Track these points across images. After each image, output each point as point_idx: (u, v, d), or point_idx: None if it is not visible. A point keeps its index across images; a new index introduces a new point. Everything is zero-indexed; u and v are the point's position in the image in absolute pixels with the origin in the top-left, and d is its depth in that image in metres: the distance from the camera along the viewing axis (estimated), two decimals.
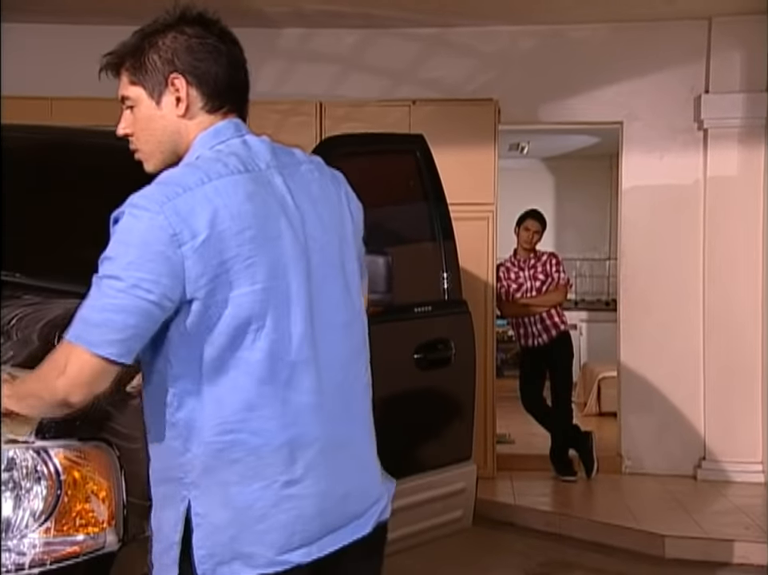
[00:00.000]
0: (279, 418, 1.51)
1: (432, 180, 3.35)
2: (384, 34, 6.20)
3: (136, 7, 5.84)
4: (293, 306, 1.52)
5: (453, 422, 3.39)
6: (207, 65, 1.60)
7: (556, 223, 10.42)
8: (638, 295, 6.16)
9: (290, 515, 1.52)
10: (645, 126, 6.10)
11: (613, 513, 5.17)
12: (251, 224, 1.49)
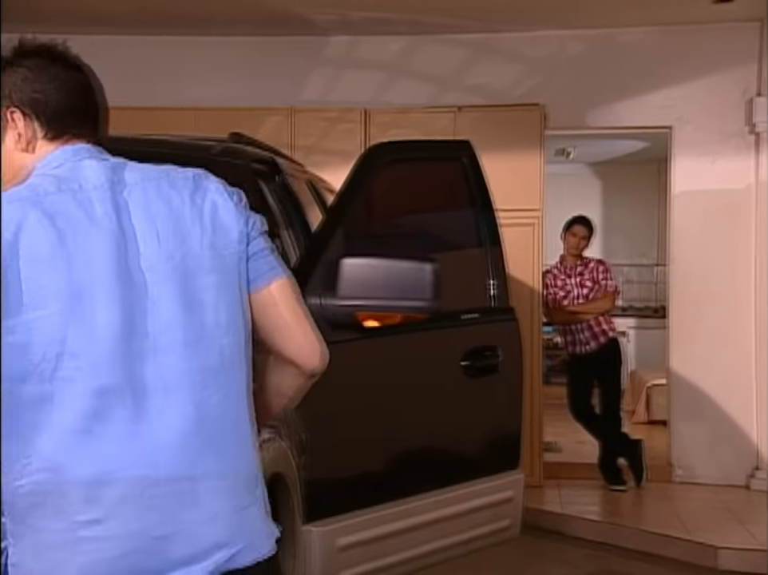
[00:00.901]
0: (82, 451, 1.40)
1: (479, 187, 3.34)
2: (430, 41, 6.20)
3: (185, 17, 5.95)
4: (99, 329, 1.42)
5: (501, 430, 3.38)
6: (45, 95, 1.56)
7: (604, 229, 10.30)
8: (688, 302, 6.07)
9: (88, 558, 1.40)
10: (696, 130, 6.02)
11: (664, 523, 5.10)
12: (51, 246, 1.42)
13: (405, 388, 3.02)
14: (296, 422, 2.49)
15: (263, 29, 6.10)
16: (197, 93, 6.08)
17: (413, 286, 2.60)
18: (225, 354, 1.51)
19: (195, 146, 3.15)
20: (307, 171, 3.87)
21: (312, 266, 2.69)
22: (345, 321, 2.65)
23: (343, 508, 2.75)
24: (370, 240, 3.18)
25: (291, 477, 2.38)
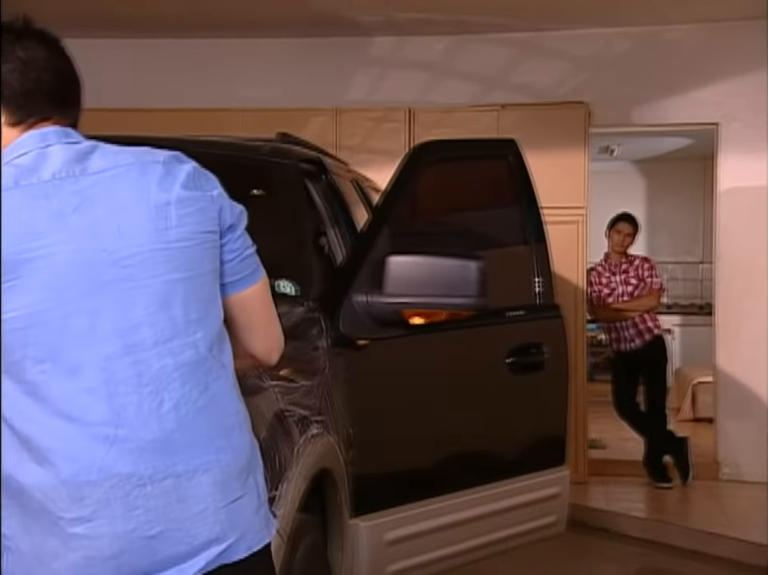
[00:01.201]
0: (63, 450, 1.37)
1: (524, 185, 3.31)
2: (474, 40, 6.18)
3: (234, 21, 6.00)
4: (70, 329, 1.38)
5: (547, 427, 3.35)
6: (7, 78, 1.45)
7: (648, 226, 10.19)
8: (735, 299, 5.98)
9: (79, 556, 1.38)
10: (743, 127, 5.91)
11: (711, 521, 5.02)
12: (10, 243, 1.36)
13: (451, 385, 3.01)
14: (344, 418, 2.49)
15: (309, 31, 6.12)
16: (245, 94, 6.12)
17: (459, 283, 2.59)
18: (200, 348, 1.45)
19: (244, 146, 3.17)
20: (353, 170, 3.87)
21: (358, 264, 2.69)
22: (391, 318, 2.65)
23: (390, 503, 2.74)
24: (415, 238, 3.17)
25: (339, 472, 2.38)
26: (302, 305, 2.52)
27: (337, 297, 2.62)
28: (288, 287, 2.58)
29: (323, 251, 3.02)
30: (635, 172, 10.47)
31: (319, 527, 2.33)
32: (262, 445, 1.92)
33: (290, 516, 1.97)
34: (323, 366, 2.43)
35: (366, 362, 2.66)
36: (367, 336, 2.64)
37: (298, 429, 2.13)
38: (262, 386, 2.06)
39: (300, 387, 2.24)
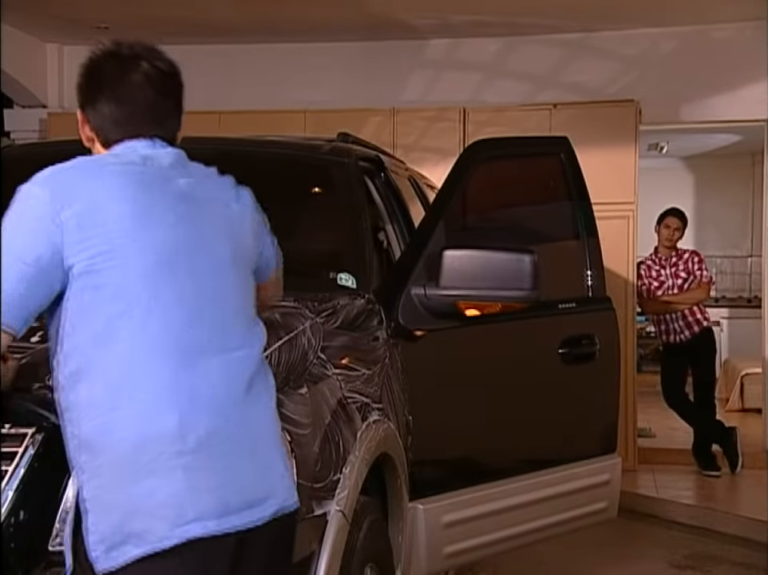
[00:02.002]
0: (169, 398, 1.46)
1: (576, 181, 3.28)
2: (526, 41, 6.13)
3: (295, 26, 6.04)
4: (178, 288, 1.52)
5: (598, 416, 3.32)
6: (105, 106, 1.63)
7: (696, 221, 10.01)
8: None
9: (180, 486, 1.45)
10: None
11: (760, 509, 4.92)
12: (135, 207, 1.51)
13: (505, 374, 3.00)
14: (402, 405, 2.50)
15: (366, 34, 6.13)
16: (305, 96, 6.16)
17: (513, 276, 2.58)
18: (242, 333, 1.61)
19: (306, 146, 3.19)
20: (409, 168, 3.87)
21: (416, 258, 2.70)
22: (447, 310, 2.65)
23: (447, 487, 2.74)
24: (471, 233, 3.17)
25: (399, 457, 2.39)
26: (363, 297, 2.53)
27: (395, 290, 2.63)
28: (349, 280, 2.59)
29: (382, 246, 3.03)
30: (684, 168, 10.31)
31: (380, 509, 2.34)
32: (326, 430, 1.95)
33: (353, 497, 1.99)
34: (383, 356, 2.45)
35: (423, 353, 2.67)
36: (424, 327, 2.65)
37: (360, 415, 2.15)
38: (326, 373, 2.08)
39: (361, 375, 2.25)
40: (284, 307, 2.25)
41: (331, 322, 2.30)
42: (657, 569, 4.19)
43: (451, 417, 2.77)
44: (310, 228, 2.97)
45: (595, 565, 4.19)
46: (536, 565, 4.10)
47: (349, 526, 1.95)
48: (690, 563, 4.27)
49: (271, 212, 2.97)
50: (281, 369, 1.93)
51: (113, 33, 6.17)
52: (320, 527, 1.86)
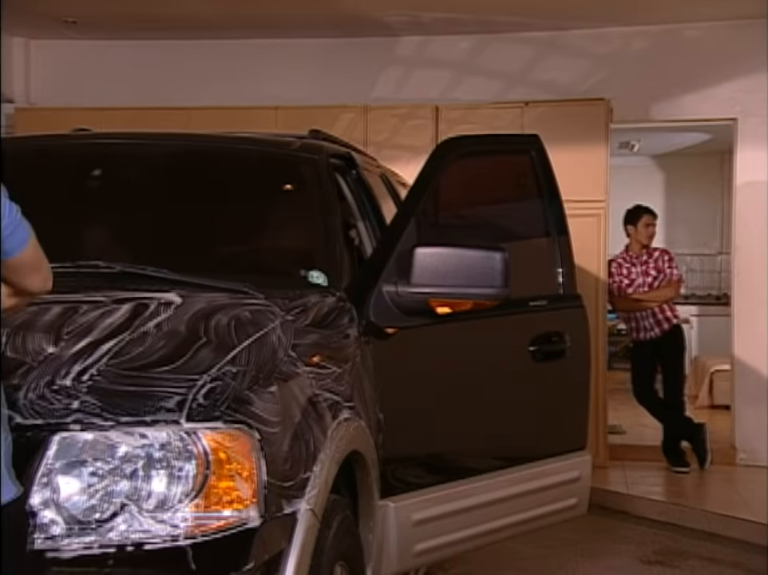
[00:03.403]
0: None
1: (547, 179, 3.30)
2: (497, 39, 6.16)
3: (265, 22, 6.01)
4: None
5: (569, 413, 3.35)
6: None
7: (666, 219, 10.10)
8: (752, 289, 5.93)
9: None
10: (760, 122, 5.86)
11: (728, 504, 5.00)
12: None
13: (476, 372, 3.01)
14: (373, 403, 2.50)
15: (338, 31, 6.13)
16: (276, 93, 6.14)
17: (484, 273, 2.59)
18: None
19: (277, 143, 3.18)
20: (381, 165, 3.88)
21: (387, 255, 2.70)
22: (418, 308, 2.65)
23: (418, 485, 2.75)
24: (442, 231, 3.18)
25: (370, 455, 2.39)
26: (333, 295, 2.53)
27: (366, 287, 2.62)
28: (320, 277, 2.59)
29: (353, 244, 3.03)
30: (654, 166, 10.40)
31: (350, 507, 2.34)
32: (296, 428, 1.95)
33: (323, 496, 1.99)
34: (354, 354, 2.45)
35: (395, 350, 2.67)
36: (395, 325, 2.65)
37: (331, 413, 2.15)
38: (296, 371, 2.08)
39: (332, 373, 2.25)
40: (254, 305, 2.25)
41: (302, 319, 2.29)
42: (626, 564, 4.24)
43: (422, 415, 2.78)
44: (281, 225, 2.96)
45: (566, 561, 4.23)
46: (507, 562, 4.13)
47: (319, 525, 1.95)
48: (658, 558, 4.32)
49: (242, 209, 2.99)
50: (251, 367, 1.92)
51: (81, 27, 6.12)
52: (290, 526, 1.85)
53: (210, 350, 1.92)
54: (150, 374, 1.79)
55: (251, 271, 2.68)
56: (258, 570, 1.73)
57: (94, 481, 1.67)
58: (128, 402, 1.71)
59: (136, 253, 2.71)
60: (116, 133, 3.29)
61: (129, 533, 1.65)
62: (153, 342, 1.92)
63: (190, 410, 1.72)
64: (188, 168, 3.02)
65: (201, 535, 1.68)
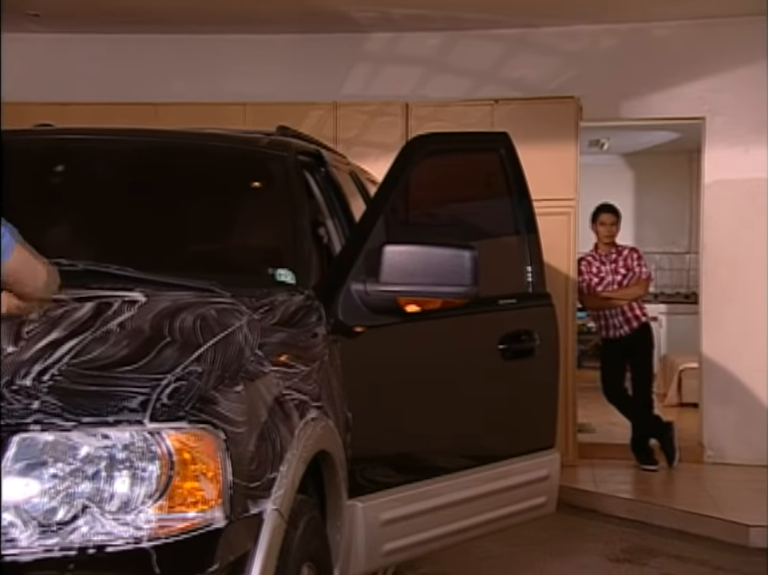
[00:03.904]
0: None
1: (516, 177, 3.32)
2: (467, 36, 6.17)
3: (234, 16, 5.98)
4: None
5: (537, 411, 3.36)
6: None
7: (636, 217, 10.22)
8: (720, 288, 6.00)
9: None
10: (728, 121, 5.93)
11: (696, 502, 5.05)
12: None
13: (445, 370, 3.01)
14: (341, 402, 2.50)
15: (307, 26, 6.11)
16: (244, 89, 6.11)
17: (453, 272, 2.59)
18: None
19: (244, 139, 3.17)
20: (350, 162, 3.87)
21: (356, 253, 2.69)
22: (387, 306, 2.65)
23: (386, 484, 2.75)
24: (411, 228, 3.18)
25: (337, 455, 2.39)
26: (301, 293, 2.53)
27: (335, 286, 2.62)
28: (287, 275, 2.58)
29: (322, 242, 3.02)
30: (624, 165, 10.49)
31: (318, 508, 2.34)
32: (263, 428, 1.94)
33: (290, 496, 1.98)
34: (322, 353, 2.44)
35: (363, 349, 2.67)
36: (364, 323, 2.65)
37: (298, 412, 2.14)
38: (263, 370, 2.07)
39: (299, 372, 2.25)
40: (220, 303, 2.24)
41: (269, 318, 2.28)
42: (594, 562, 4.27)
43: (391, 414, 2.78)
44: (249, 222, 2.95)
45: (535, 560, 4.25)
46: (477, 561, 4.15)
47: (285, 525, 1.94)
48: (626, 556, 4.36)
49: (209, 207, 2.97)
50: (216, 366, 1.91)
51: (45, 21, 6.05)
52: (256, 526, 1.84)
53: (174, 349, 1.91)
54: (113, 373, 1.78)
55: (217, 269, 2.66)
56: (223, 571, 1.72)
57: (55, 483, 1.65)
58: (90, 402, 1.69)
59: (101, 251, 2.68)
60: (80, 129, 3.25)
61: (91, 536, 1.64)
62: (116, 341, 1.90)
63: (154, 410, 1.70)
64: (153, 164, 3.00)
65: (165, 537, 1.66)
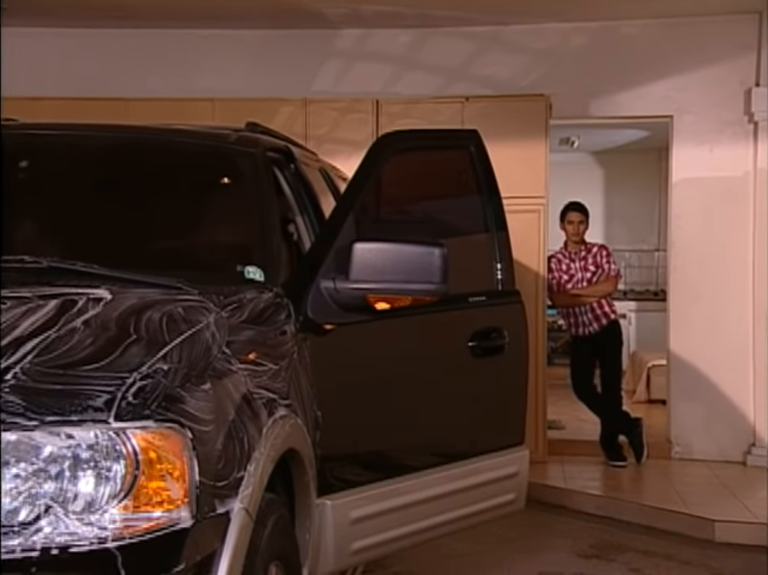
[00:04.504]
0: None
1: (486, 174, 3.32)
2: (438, 33, 6.18)
3: (203, 12, 5.94)
4: None
5: (506, 408, 3.38)
6: None
7: (605, 215, 10.30)
8: (688, 285, 6.06)
9: None
10: (695, 120, 5.99)
11: (663, 498, 5.10)
12: None
13: (415, 368, 3.01)
14: (311, 401, 2.49)
15: (277, 22, 6.09)
16: (214, 85, 6.08)
17: (422, 269, 2.59)
18: None
19: (213, 135, 3.15)
20: (320, 159, 3.86)
21: (325, 250, 2.69)
22: (356, 304, 2.65)
23: (355, 482, 2.75)
24: (380, 226, 3.17)
25: (306, 453, 2.38)
26: (270, 291, 2.51)
27: (304, 283, 2.61)
28: (256, 273, 2.57)
29: (291, 239, 3.01)
30: (594, 163, 10.57)
31: (286, 506, 2.33)
32: (230, 426, 1.93)
33: (258, 495, 1.97)
34: (291, 351, 2.43)
35: (333, 347, 2.66)
36: (333, 321, 2.64)
37: (266, 411, 2.13)
38: (230, 369, 2.05)
39: (268, 371, 2.24)
40: (187, 301, 2.22)
41: (237, 316, 2.27)
42: (563, 559, 4.29)
43: (361, 412, 2.78)
44: (217, 219, 2.93)
45: (503, 558, 4.27)
46: (445, 559, 4.16)
47: (253, 524, 1.93)
48: (595, 552, 4.39)
49: (177, 203, 2.95)
50: (183, 364, 1.90)
51: (11, 14, 5.96)
52: (223, 526, 1.83)
53: (140, 347, 1.89)
54: (77, 372, 1.76)
55: (185, 266, 2.64)
56: (189, 571, 1.71)
57: (17, 483, 1.63)
58: (54, 401, 1.67)
59: (67, 248, 2.65)
60: (46, 124, 3.21)
61: (55, 536, 1.62)
62: (81, 339, 1.88)
63: (119, 408, 1.69)
64: (120, 160, 2.97)
65: (130, 537, 1.65)
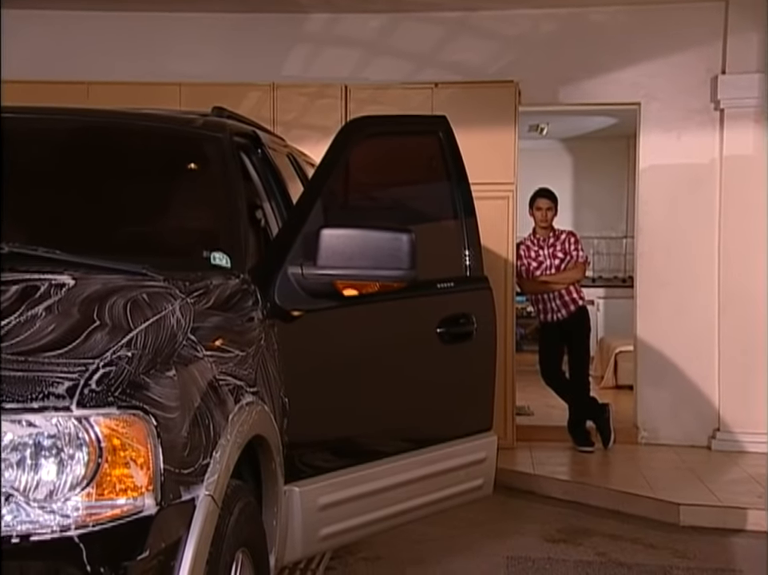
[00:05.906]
0: None
1: (454, 161, 3.32)
2: (408, 18, 6.16)
3: None
4: None
5: (475, 394, 3.39)
6: None
7: (574, 202, 10.36)
8: (655, 272, 6.12)
9: None
10: (662, 107, 6.03)
11: (629, 482, 5.16)
12: None
13: (383, 354, 3.02)
14: (278, 387, 2.48)
15: (247, 5, 6.03)
16: (181, 69, 6.02)
17: (391, 255, 2.59)
18: None
19: (178, 119, 3.12)
20: (288, 145, 3.84)
21: (293, 236, 2.68)
22: (324, 290, 2.64)
23: (323, 469, 2.75)
24: (348, 212, 3.17)
25: (273, 440, 2.38)
26: (237, 277, 2.50)
27: (271, 269, 2.60)
28: (222, 259, 2.55)
29: (259, 225, 2.99)
30: (563, 150, 10.61)
31: (253, 493, 2.32)
32: (196, 413, 1.92)
33: (224, 481, 1.96)
34: (257, 337, 2.42)
35: (300, 333, 2.65)
36: (301, 307, 2.63)
37: (233, 397, 2.12)
38: (196, 355, 2.04)
39: (234, 357, 2.23)
40: (152, 287, 2.20)
41: (203, 302, 2.25)
42: (531, 543, 4.33)
43: (328, 398, 2.77)
44: (183, 205, 2.90)
45: (472, 542, 4.30)
46: (414, 544, 4.18)
47: (219, 511, 1.92)
48: (562, 536, 4.44)
49: (142, 188, 2.92)
50: (147, 351, 1.88)
51: None
52: (188, 513, 1.82)
53: (104, 333, 1.87)
54: (39, 358, 1.73)
55: (151, 252, 2.62)
56: (154, 559, 1.70)
57: None
58: (15, 388, 1.65)
59: (31, 233, 2.62)
60: (7, 107, 3.16)
61: (16, 525, 1.60)
62: (43, 325, 1.86)
63: (81, 395, 1.67)
64: (85, 145, 2.93)
65: (93, 524, 1.64)
